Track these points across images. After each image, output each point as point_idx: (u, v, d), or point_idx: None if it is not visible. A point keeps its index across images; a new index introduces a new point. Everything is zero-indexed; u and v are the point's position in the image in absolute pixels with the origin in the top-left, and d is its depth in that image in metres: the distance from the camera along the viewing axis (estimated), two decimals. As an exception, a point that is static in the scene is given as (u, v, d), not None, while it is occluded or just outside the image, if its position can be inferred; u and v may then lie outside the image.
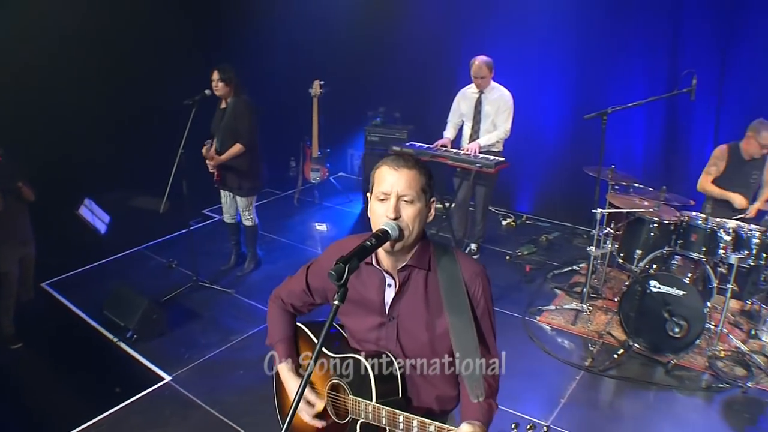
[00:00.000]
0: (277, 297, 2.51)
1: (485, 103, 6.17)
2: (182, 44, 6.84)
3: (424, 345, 2.17)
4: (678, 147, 6.94)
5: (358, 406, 2.18)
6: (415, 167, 2.05)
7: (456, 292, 2.10)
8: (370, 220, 2.11)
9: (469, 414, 2.06)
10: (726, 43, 6.37)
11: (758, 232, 4.82)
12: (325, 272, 2.24)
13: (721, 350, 5.02)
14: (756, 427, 4.31)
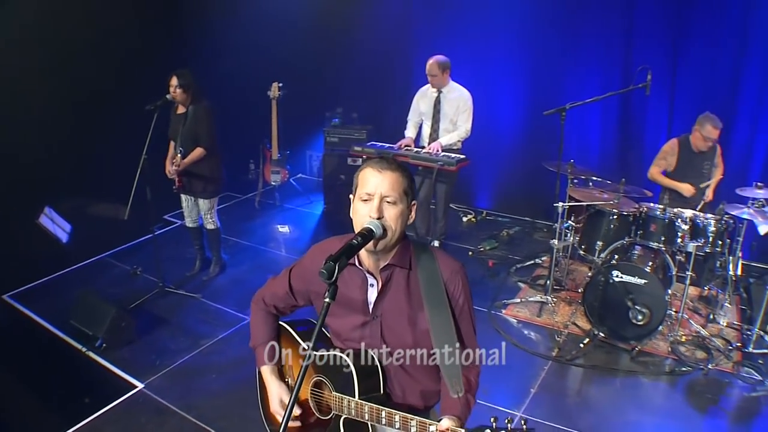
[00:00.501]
0: (260, 299, 2.54)
1: (444, 102, 6.25)
2: (140, 48, 6.75)
3: (408, 342, 2.23)
4: (633, 140, 7.15)
5: (341, 403, 2.23)
6: (398, 170, 2.13)
7: (435, 289, 2.17)
8: (352, 220, 2.18)
9: (448, 409, 2.14)
10: (677, 39, 6.59)
11: (713, 220, 5.02)
12: (307, 274, 2.31)
13: (682, 335, 5.21)
14: (718, 407, 4.49)
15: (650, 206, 5.28)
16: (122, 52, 6.62)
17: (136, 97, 5.44)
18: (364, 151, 6.50)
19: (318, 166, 9.19)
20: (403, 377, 2.27)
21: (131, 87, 6.39)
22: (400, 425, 2.07)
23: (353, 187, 2.18)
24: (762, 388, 4.67)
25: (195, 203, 5.98)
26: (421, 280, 2.18)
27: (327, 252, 2.19)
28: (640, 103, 6.87)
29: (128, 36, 6.66)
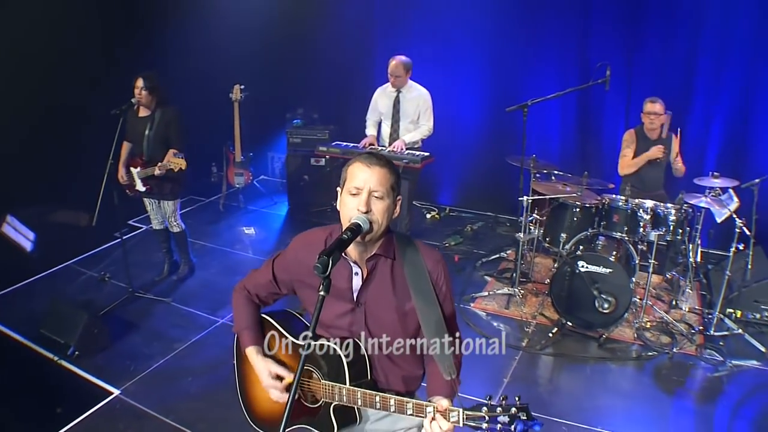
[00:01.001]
0: (243, 288, 2.59)
1: (403, 101, 6.33)
2: (101, 52, 6.72)
3: (391, 328, 2.31)
4: (592, 134, 7.34)
5: (332, 390, 2.29)
6: (386, 166, 2.20)
7: (420, 278, 2.25)
8: (339, 212, 2.24)
9: (438, 390, 2.23)
10: (632, 37, 6.81)
11: (674, 209, 5.21)
12: (292, 264, 2.38)
13: (647, 322, 5.39)
14: (684, 388, 4.68)
15: (613, 197, 5.45)
16: (83, 55, 6.56)
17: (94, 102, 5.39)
18: (328, 151, 6.56)
19: (280, 168, 9.20)
20: (387, 363, 2.34)
21: (91, 91, 6.37)
22: (395, 408, 2.14)
23: (341, 181, 2.24)
24: (724, 368, 4.88)
25: (159, 206, 5.93)
26: (406, 270, 2.26)
27: (311, 242, 2.31)
28: (597, 98, 7.06)
29: (89, 39, 6.62)
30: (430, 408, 2.05)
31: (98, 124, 5.51)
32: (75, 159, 6.51)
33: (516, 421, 1.89)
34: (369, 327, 2.30)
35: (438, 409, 2.03)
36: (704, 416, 4.38)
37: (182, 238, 6.11)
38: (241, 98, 7.63)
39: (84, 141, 6.52)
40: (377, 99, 6.53)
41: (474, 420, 1.95)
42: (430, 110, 6.30)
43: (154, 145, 5.57)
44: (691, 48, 6.65)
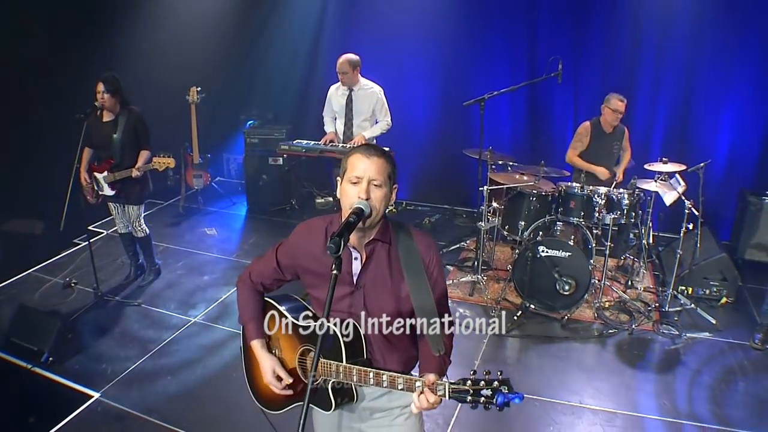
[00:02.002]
0: (246, 279, 2.68)
1: (356, 99, 6.46)
2: (50, 54, 6.64)
3: (388, 310, 2.42)
4: (542, 125, 7.62)
5: (329, 368, 2.40)
6: (383, 156, 2.34)
7: (413, 262, 2.39)
8: (339, 201, 2.37)
9: (429, 367, 2.36)
10: (578, 30, 7.10)
11: (626, 194, 5.49)
12: (295, 250, 2.51)
13: (605, 302, 5.67)
14: (644, 361, 4.97)
15: (569, 185, 5.70)
16: (34, 60, 6.51)
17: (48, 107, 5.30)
18: (291, 149, 6.64)
19: (236, 169, 9.24)
20: (383, 344, 2.46)
21: (43, 96, 6.29)
22: (387, 384, 2.28)
23: (341, 171, 2.36)
24: (680, 340, 5.20)
25: (123, 210, 5.92)
26: (400, 253, 2.40)
27: (313, 230, 2.46)
28: (546, 91, 7.31)
29: (38, 41, 6.56)
30: (419, 383, 2.20)
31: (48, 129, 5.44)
32: (32, 166, 6.46)
33: (497, 394, 2.05)
34: (367, 308, 2.42)
35: (426, 383, 2.18)
36: (665, 384, 4.67)
37: (147, 242, 6.12)
38: (198, 100, 7.63)
39: (39, 147, 6.49)
40: (331, 97, 6.63)
41: (459, 393, 2.10)
42: (385, 106, 6.44)
43: (124, 149, 5.55)
44: (634, 41, 6.98)
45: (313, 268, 2.45)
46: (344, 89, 6.44)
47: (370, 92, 6.41)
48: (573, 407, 4.38)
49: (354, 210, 2.21)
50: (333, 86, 6.61)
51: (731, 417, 4.28)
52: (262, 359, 2.58)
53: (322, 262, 2.39)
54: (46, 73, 6.64)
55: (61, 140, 6.08)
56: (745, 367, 4.88)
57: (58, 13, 6.74)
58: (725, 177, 6.97)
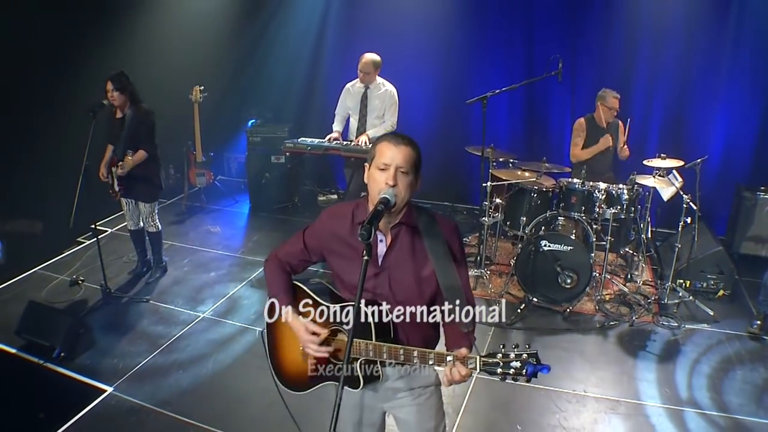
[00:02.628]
0: (274, 258, 2.78)
1: (371, 97, 6.54)
2: (55, 56, 6.71)
3: (412, 290, 2.53)
4: (539, 122, 7.76)
5: (360, 347, 2.51)
6: (410, 145, 2.45)
7: (438, 245, 2.50)
8: (367, 186, 2.50)
9: (459, 343, 2.46)
10: (575, 28, 7.24)
11: (626, 189, 5.63)
12: (322, 233, 2.64)
13: (606, 295, 5.80)
14: (645, 351, 5.10)
15: (570, 180, 5.83)
16: (39, 62, 6.58)
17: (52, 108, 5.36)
18: (296, 147, 6.71)
19: (237, 167, 9.33)
20: (407, 324, 2.55)
21: (49, 95, 6.38)
22: (418, 359, 2.41)
23: (370, 158, 2.49)
24: (679, 331, 5.33)
25: (135, 206, 6.02)
26: (424, 237, 2.51)
27: (339, 214, 2.59)
28: (543, 88, 7.44)
29: (44, 42, 6.62)
30: (450, 357, 2.33)
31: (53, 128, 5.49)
32: (36, 164, 6.54)
33: (527, 365, 2.21)
34: (392, 289, 2.53)
35: (457, 357, 2.31)
36: (665, 373, 4.81)
37: (158, 238, 6.21)
38: (201, 99, 7.72)
39: (44, 146, 6.57)
40: (345, 95, 6.71)
41: (489, 366, 2.25)
42: (395, 106, 6.54)
43: (124, 145, 5.65)
44: (629, 38, 7.13)
45: (339, 249, 2.57)
46: (360, 86, 6.53)
47: (385, 91, 6.51)
48: (577, 396, 4.51)
49: (381, 200, 2.33)
50: (349, 83, 6.69)
51: (730, 404, 4.42)
52: (294, 322, 2.63)
53: (348, 244, 2.52)
54: (49, 73, 6.72)
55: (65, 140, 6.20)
56: (742, 357, 5.02)
57: (66, 13, 6.80)
58: (720, 173, 7.12)
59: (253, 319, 5.48)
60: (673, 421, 4.25)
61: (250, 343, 5.14)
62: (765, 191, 6.53)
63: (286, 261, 2.75)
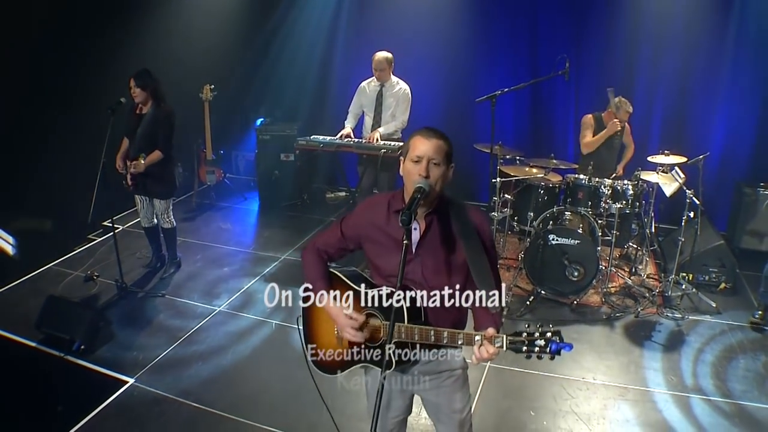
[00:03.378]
0: (312, 247, 2.93)
1: (387, 95, 6.67)
2: (66, 54, 6.84)
3: (443, 276, 2.68)
4: (544, 120, 7.94)
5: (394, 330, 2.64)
6: (441, 138, 2.62)
7: (470, 233, 2.65)
8: (403, 177, 2.66)
9: (485, 324, 2.59)
10: (578, 27, 7.41)
11: (631, 185, 5.80)
12: (360, 222, 2.81)
13: (612, 287, 5.99)
14: (651, 341, 5.29)
15: (576, 176, 6.00)
16: (51, 57, 6.70)
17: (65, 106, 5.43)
18: (308, 144, 6.82)
19: (245, 166, 9.47)
20: (438, 308, 2.69)
21: (64, 94, 6.50)
22: (447, 339, 2.57)
23: (404, 152, 2.66)
24: (683, 322, 5.51)
25: (150, 203, 6.14)
26: (456, 225, 2.67)
27: (376, 204, 2.77)
28: (548, 87, 7.59)
29: (54, 38, 6.72)
30: (478, 336, 2.49)
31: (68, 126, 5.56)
32: (50, 162, 6.67)
33: (551, 343, 2.38)
34: (424, 275, 2.68)
35: (485, 336, 2.48)
36: (671, 362, 4.99)
37: (172, 235, 6.34)
38: (211, 98, 7.85)
39: (59, 144, 6.68)
40: (360, 93, 6.82)
41: (515, 344, 2.43)
42: (407, 104, 6.66)
43: (140, 142, 5.74)
44: (632, 37, 7.30)
45: (376, 237, 2.73)
46: (376, 85, 6.65)
47: (399, 89, 6.63)
48: (587, 383, 4.67)
49: (417, 189, 2.50)
50: (364, 82, 6.80)
51: (733, 390, 4.60)
52: (332, 308, 2.78)
53: (384, 232, 2.69)
54: (61, 71, 6.85)
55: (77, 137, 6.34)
56: (744, 346, 5.20)
57: (77, 12, 6.93)
58: (721, 170, 7.29)
59: (269, 313, 5.59)
60: (679, 407, 4.42)
61: (268, 335, 5.30)
62: (765, 187, 6.71)
63: (324, 250, 2.91)
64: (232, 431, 4.19)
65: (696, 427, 4.23)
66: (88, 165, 5.68)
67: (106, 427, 4.21)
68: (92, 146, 5.70)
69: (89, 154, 5.64)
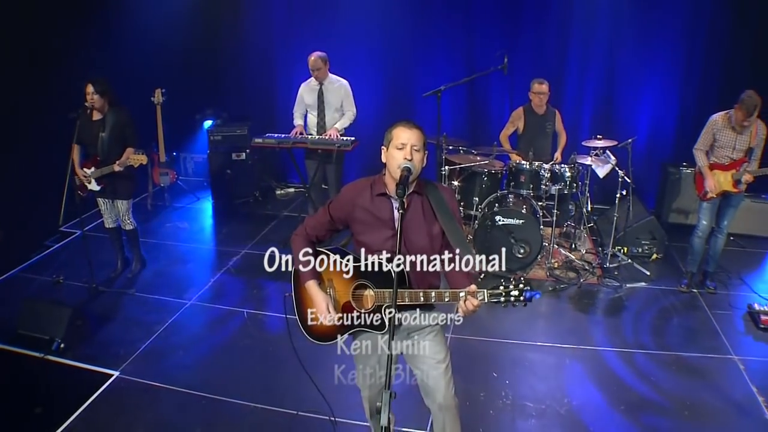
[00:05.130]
0: (302, 232, 3.29)
1: (327, 93, 6.98)
2: (20, 56, 6.88)
3: (424, 245, 3.10)
4: (480, 112, 8.47)
5: (384, 295, 3.10)
6: (420, 128, 3.06)
7: (443, 208, 3.10)
8: (386, 164, 3.07)
9: (463, 285, 3.03)
10: (512, 24, 7.93)
11: (567, 168, 6.35)
12: (345, 205, 3.19)
13: (555, 262, 6.52)
14: (595, 307, 5.89)
15: (518, 161, 6.51)
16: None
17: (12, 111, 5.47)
18: (264, 142, 7.04)
19: (193, 168, 9.65)
20: (417, 275, 3.10)
21: (11, 100, 6.58)
22: (435, 298, 3.02)
23: (386, 141, 3.06)
24: (621, 290, 6.10)
25: (113, 205, 6.28)
26: (432, 202, 3.10)
27: (360, 188, 3.17)
28: (483, 80, 8.03)
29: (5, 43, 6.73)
30: (462, 293, 2.95)
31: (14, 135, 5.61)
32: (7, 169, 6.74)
33: (524, 292, 2.92)
34: (406, 247, 3.07)
35: (469, 292, 2.93)
36: (614, 324, 5.58)
37: (134, 235, 6.50)
38: (163, 101, 8.03)
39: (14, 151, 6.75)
40: (302, 93, 7.10)
41: (495, 296, 2.93)
42: (350, 98, 7.00)
43: (110, 145, 5.91)
44: (562, 31, 7.87)
45: (361, 217, 3.12)
46: (315, 84, 6.95)
47: (339, 86, 6.96)
48: (542, 346, 5.19)
49: (404, 168, 2.92)
50: (303, 83, 7.08)
51: (670, 343, 5.24)
52: (316, 296, 3.19)
53: (369, 212, 3.10)
54: (7, 78, 6.84)
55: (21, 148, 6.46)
56: (676, 307, 5.85)
57: (21, 18, 6.91)
58: (647, 152, 7.94)
59: (239, 302, 5.93)
60: (625, 361, 4.99)
61: (242, 323, 5.60)
62: (687, 167, 7.35)
63: (314, 234, 3.28)
64: (226, 411, 4.45)
65: (641, 376, 4.80)
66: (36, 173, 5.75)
67: (100, 417, 4.38)
68: (40, 153, 5.83)
69: (38, 161, 5.72)
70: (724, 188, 5.66)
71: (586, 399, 4.53)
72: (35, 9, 6.98)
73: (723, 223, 5.87)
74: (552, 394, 4.57)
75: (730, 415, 4.38)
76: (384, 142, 3.08)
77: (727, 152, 5.61)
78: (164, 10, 8.43)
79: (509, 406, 4.46)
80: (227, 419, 4.38)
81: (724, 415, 4.37)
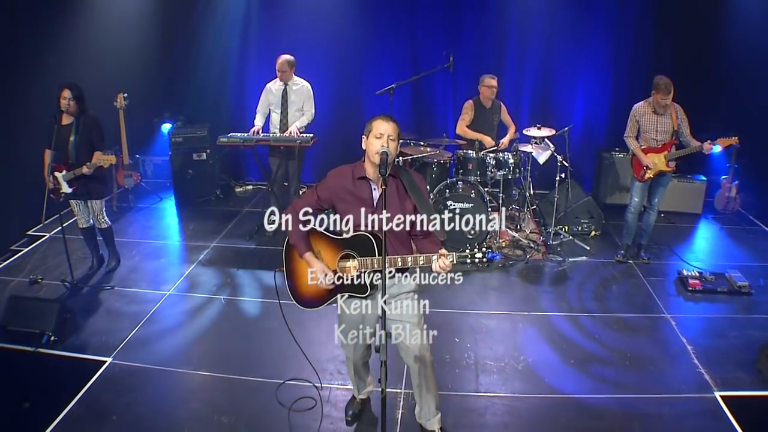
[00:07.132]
0: (293, 211, 3.73)
1: (290, 93, 7.44)
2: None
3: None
4: (425, 106, 9.10)
5: (367, 263, 3.63)
6: (395, 122, 3.59)
7: (415, 188, 3.65)
8: (365, 152, 3.58)
9: (434, 251, 3.60)
10: (454, 23, 8.54)
11: (510, 155, 6.99)
12: (331, 187, 3.71)
13: (502, 242, 7.12)
14: (542, 280, 6.53)
15: (465, 151, 7.10)
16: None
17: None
18: (230, 141, 7.35)
19: (152, 170, 9.93)
20: (394, 245, 3.66)
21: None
22: (411, 263, 3.59)
23: (367, 131, 3.57)
24: (565, 264, 6.77)
25: (85, 205, 6.51)
26: (406, 184, 3.65)
27: (343, 173, 3.70)
28: (428, 77, 8.50)
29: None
30: (435, 255, 3.51)
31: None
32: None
33: (487, 254, 3.51)
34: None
35: (441, 254, 3.50)
36: (560, 293, 6.24)
37: (109, 233, 6.75)
38: (125, 105, 8.31)
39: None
40: (267, 93, 7.53)
41: (462, 257, 3.52)
42: (311, 100, 7.48)
43: (80, 149, 6.15)
44: (500, 29, 8.57)
45: (345, 197, 3.65)
46: (280, 84, 7.39)
47: (302, 87, 7.43)
48: (496, 314, 5.81)
49: (383, 152, 3.42)
50: (269, 83, 7.51)
51: (611, 306, 5.97)
52: (315, 265, 3.70)
53: (351, 193, 3.63)
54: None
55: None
56: (615, 276, 6.58)
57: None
58: (583, 138, 8.69)
59: (216, 290, 6.33)
60: (572, 323, 5.65)
61: (221, 308, 5.99)
62: (619, 152, 8.09)
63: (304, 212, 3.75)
64: (217, 384, 4.82)
65: (587, 335, 5.47)
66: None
67: (100, 400, 4.60)
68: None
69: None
70: (659, 168, 6.33)
71: (540, 356, 5.14)
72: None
73: (654, 200, 6.58)
74: (510, 353, 5.17)
75: (665, 362, 5.08)
76: (365, 131, 3.60)
77: (651, 135, 6.32)
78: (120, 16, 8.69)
79: (472, 365, 5.03)
80: (219, 392, 4.74)
81: (660, 363, 5.07)
